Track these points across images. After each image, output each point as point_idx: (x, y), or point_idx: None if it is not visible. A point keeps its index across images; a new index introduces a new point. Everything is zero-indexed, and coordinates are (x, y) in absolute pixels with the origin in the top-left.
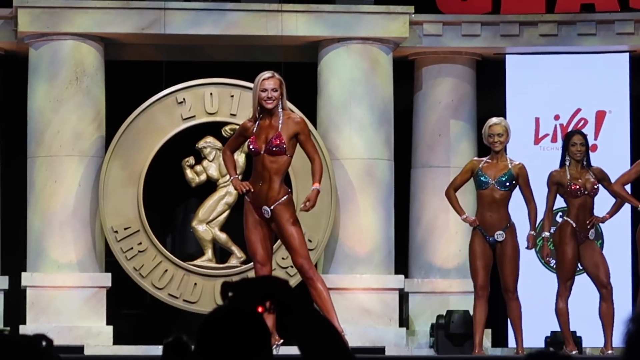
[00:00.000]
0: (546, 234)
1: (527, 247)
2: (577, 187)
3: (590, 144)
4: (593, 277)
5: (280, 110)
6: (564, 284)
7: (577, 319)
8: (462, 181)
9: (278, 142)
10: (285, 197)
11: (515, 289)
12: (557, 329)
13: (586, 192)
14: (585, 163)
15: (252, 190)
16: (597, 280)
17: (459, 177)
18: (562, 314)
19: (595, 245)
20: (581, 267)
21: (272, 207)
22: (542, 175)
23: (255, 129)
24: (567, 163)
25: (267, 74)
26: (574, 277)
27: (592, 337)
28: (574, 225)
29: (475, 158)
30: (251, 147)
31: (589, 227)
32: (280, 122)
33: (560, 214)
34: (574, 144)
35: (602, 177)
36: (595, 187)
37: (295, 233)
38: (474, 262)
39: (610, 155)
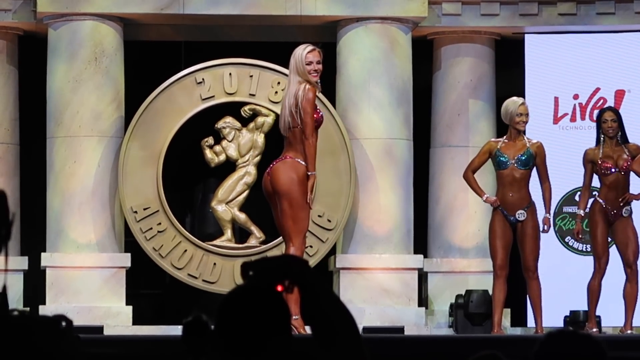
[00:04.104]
0: (580, 212)
1: (543, 231)
2: (608, 164)
3: None
4: (621, 254)
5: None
6: (598, 262)
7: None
8: (480, 163)
9: None
10: None
11: (536, 268)
12: (577, 308)
13: (618, 170)
14: (619, 139)
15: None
16: (624, 258)
17: (476, 158)
18: (592, 292)
19: (630, 223)
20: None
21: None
22: (561, 155)
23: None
24: (602, 140)
25: (309, 47)
26: (608, 256)
27: (610, 317)
28: (603, 204)
29: (492, 139)
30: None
31: (621, 204)
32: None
33: (595, 193)
34: (605, 120)
35: (637, 154)
36: (628, 164)
37: None
38: (493, 242)
39: (630, 134)
